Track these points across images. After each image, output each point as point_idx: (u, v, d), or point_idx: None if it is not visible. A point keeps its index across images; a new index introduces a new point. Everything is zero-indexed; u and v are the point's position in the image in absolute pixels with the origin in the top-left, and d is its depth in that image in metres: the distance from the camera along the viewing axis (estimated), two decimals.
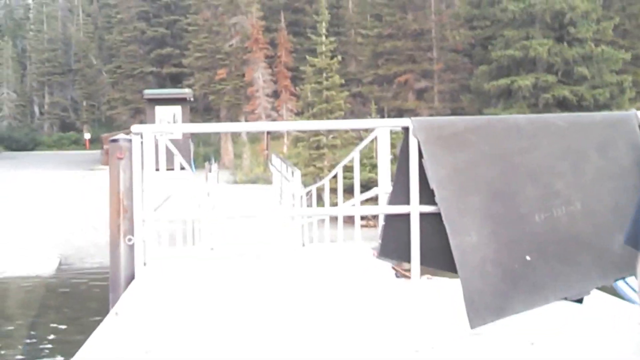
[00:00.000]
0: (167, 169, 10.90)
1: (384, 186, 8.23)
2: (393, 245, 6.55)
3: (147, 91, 53.63)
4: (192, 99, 52.22)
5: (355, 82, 59.54)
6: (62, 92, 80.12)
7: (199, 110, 59.81)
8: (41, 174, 47.87)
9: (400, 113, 53.72)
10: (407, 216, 6.49)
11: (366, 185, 14.65)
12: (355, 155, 11.42)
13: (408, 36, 57.98)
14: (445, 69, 58.20)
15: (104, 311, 6.64)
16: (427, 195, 6.20)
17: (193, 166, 50.55)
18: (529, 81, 50.83)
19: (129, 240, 7.41)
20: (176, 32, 66.53)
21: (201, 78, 58.29)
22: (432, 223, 6.15)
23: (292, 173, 23.59)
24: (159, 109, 50.26)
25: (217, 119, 60.06)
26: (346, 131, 43.61)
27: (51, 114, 79.63)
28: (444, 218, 5.86)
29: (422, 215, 6.39)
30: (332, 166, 40.86)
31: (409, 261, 6.62)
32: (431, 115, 55.60)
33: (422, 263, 6.54)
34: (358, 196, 11.39)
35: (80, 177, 45.62)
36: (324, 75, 44.40)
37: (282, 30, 62.70)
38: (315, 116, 43.32)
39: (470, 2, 59.58)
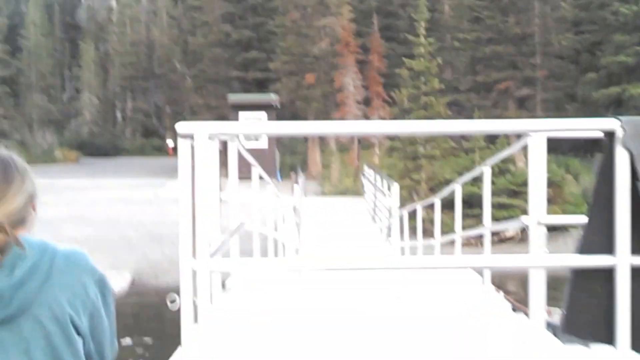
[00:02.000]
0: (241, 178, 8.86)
1: (536, 216, 6.33)
2: (585, 316, 4.61)
3: (231, 96, 51.73)
4: (278, 106, 49.96)
5: (452, 90, 56.23)
6: (144, 97, 79.24)
7: (286, 117, 56.89)
8: (120, 182, 45.90)
9: None
10: (608, 272, 4.57)
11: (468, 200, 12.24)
12: (485, 172, 10.17)
13: (509, 41, 54.58)
14: (549, 76, 54.68)
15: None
16: None
17: (279, 176, 48.17)
18: None
19: (172, 301, 5.45)
20: (263, 35, 63.94)
21: (288, 83, 55.52)
22: None
23: (389, 186, 21.67)
24: (243, 115, 48.54)
25: None
26: (445, 140, 40.35)
27: (133, 119, 78.94)
28: None
29: (636, 272, 4.56)
30: (430, 179, 37.74)
31: (608, 342, 4.60)
32: None
33: (633, 347, 4.54)
34: (489, 225, 10.26)
35: (160, 186, 43.09)
36: (422, 79, 41.23)
37: (374, 33, 59.74)
38: None
39: (577, 5, 56.01)
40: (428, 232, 22.40)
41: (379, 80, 54.78)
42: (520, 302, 18.06)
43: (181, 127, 4.96)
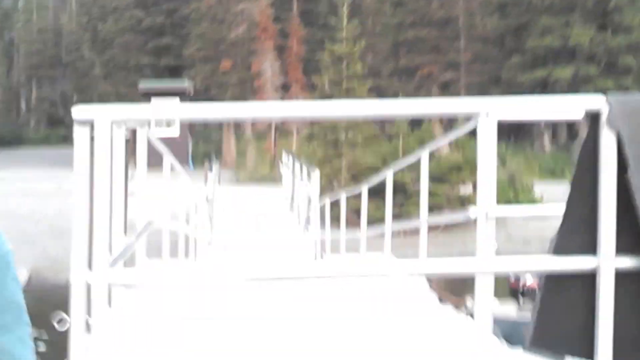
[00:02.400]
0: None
1: (486, 208, 5.68)
2: (560, 328, 3.80)
3: (142, 83, 49.40)
4: (191, 92, 47.95)
5: (374, 75, 54.51)
6: (51, 86, 76.79)
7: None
8: (21, 174, 43.41)
9: None
10: (589, 276, 3.72)
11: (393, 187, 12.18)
12: (423, 158, 9.01)
13: (433, 24, 53.26)
14: (473, 60, 53.58)
15: None
16: (630, 241, 3.69)
17: (192, 165, 46.00)
18: (568, 73, 46.55)
19: (59, 321, 4.83)
20: (177, 20, 61.57)
21: (203, 69, 53.39)
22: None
23: (308, 174, 20.17)
24: (155, 103, 46.25)
25: None
26: (367, 126, 38.46)
27: (38, 108, 76.58)
28: None
29: (621, 276, 3.69)
30: (352, 166, 35.79)
31: (587, 356, 3.79)
32: None
33: None
34: (426, 218, 9.41)
35: (64, 178, 40.56)
36: (344, 63, 39.24)
37: (293, 18, 57.75)
38: None
39: None
40: (352, 223, 20.58)
41: (299, 66, 52.92)
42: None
43: (78, 112, 4.00)
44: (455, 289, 19.87)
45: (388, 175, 11.93)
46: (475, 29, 54.54)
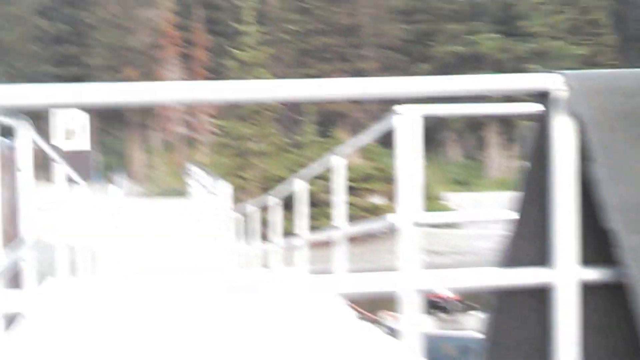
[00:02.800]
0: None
1: (409, 215, 5.16)
2: (513, 349, 3.29)
3: None
4: None
5: None
6: None
7: (108, 116, 53.72)
8: None
9: (329, 117, 48.66)
10: (544, 291, 3.12)
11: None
12: (335, 162, 7.93)
13: (339, 32, 52.93)
14: (380, 68, 53.19)
15: None
16: (596, 246, 3.06)
17: (96, 177, 45.02)
18: None
19: None
20: (80, 29, 60.19)
21: (106, 78, 52.25)
22: (609, 305, 3.14)
23: (217, 185, 20.04)
24: (61, 115, 45.52)
25: (127, 125, 54.44)
26: (277, 136, 38.01)
27: None
28: None
29: (588, 290, 3.10)
30: (263, 178, 35.35)
31: None
32: (360, 120, 50.92)
33: None
34: (343, 226, 8.12)
35: None
36: (252, 70, 38.74)
37: (197, 26, 56.92)
38: (240, 118, 37.65)
39: None
40: (264, 236, 20.17)
41: (204, 74, 52.18)
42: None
43: None
44: (365, 303, 19.58)
45: (297, 184, 11.46)
46: (382, 37, 54.30)
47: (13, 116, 5.12)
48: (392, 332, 6.77)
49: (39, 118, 51.75)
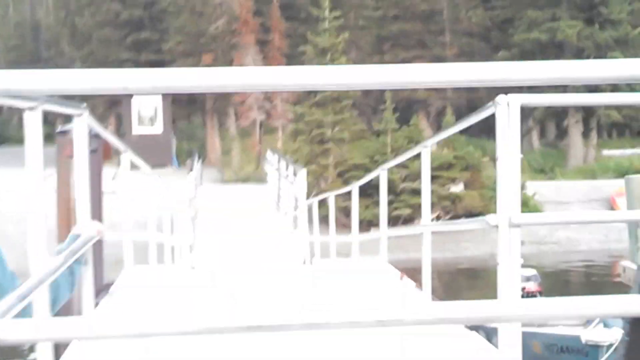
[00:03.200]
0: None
1: (508, 215, 4.57)
2: None
3: None
4: None
5: None
6: None
7: (182, 101, 53.69)
8: (2, 173, 42.26)
9: (409, 104, 48.09)
10: None
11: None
12: (424, 154, 8.24)
13: (417, 18, 52.20)
14: (459, 54, 52.35)
15: None
16: None
17: (176, 162, 45.02)
18: None
19: None
20: (155, 13, 60.10)
21: (184, 64, 52.05)
22: None
23: (294, 172, 19.41)
24: (137, 100, 45.53)
25: (203, 111, 54.37)
26: (354, 123, 37.51)
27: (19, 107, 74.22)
28: None
29: None
30: (339, 164, 34.91)
31: None
32: (444, 106, 50.36)
33: None
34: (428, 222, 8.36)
35: (48, 177, 39.44)
36: (328, 56, 38.22)
37: (274, 11, 56.54)
38: (318, 105, 37.27)
39: None
40: (341, 223, 19.78)
41: (281, 61, 51.80)
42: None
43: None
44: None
45: (381, 175, 11.01)
46: (461, 23, 53.49)
47: (69, 103, 4.68)
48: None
49: (116, 104, 52.09)
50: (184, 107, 55.06)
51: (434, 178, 32.63)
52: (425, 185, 8.47)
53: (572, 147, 47.92)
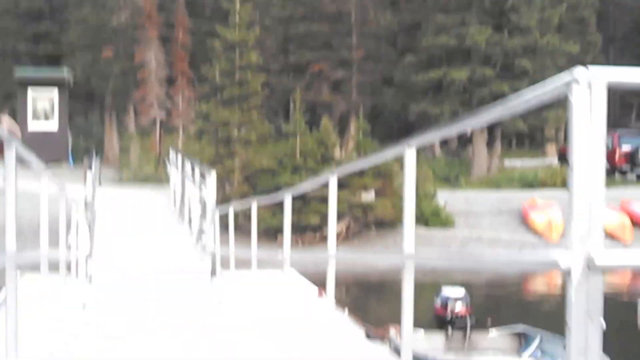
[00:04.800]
0: None
1: (585, 254, 3.05)
2: None
3: (18, 70, 46.49)
4: (71, 83, 45.34)
5: (262, 71, 52.64)
6: None
7: (80, 95, 51.93)
8: None
9: (312, 106, 47.17)
10: None
11: None
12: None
13: (324, 19, 51.31)
14: (366, 58, 51.63)
15: None
16: None
17: (72, 161, 43.47)
18: (464, 74, 45.25)
19: None
20: (56, 4, 58.19)
21: (83, 58, 50.45)
22: None
23: (202, 175, 18.06)
24: (33, 93, 43.87)
25: (101, 107, 52.68)
26: (262, 124, 36.39)
27: None
28: None
29: None
30: (245, 166, 33.80)
31: None
32: (348, 110, 49.79)
33: None
34: None
35: None
36: (237, 52, 36.99)
37: (179, 7, 55.10)
38: (225, 103, 36.03)
39: None
40: (244, 231, 18.79)
41: (185, 57, 50.41)
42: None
43: None
44: (375, 319, 18.20)
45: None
46: (368, 26, 52.74)
47: None
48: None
49: (11, 97, 50.09)
50: (81, 102, 53.29)
51: (345, 185, 31.82)
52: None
53: (477, 156, 47.53)
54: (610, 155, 42.12)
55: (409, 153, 5.86)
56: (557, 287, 25.61)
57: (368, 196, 30.23)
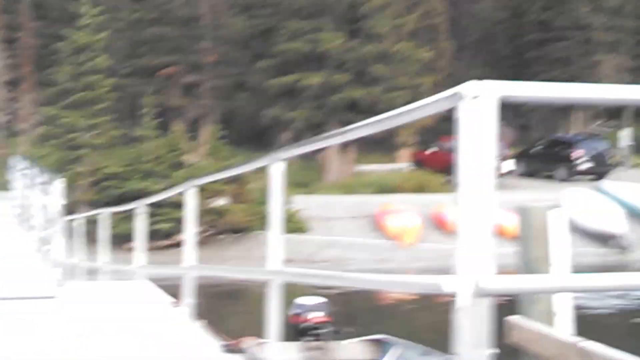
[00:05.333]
0: None
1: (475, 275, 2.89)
2: None
3: None
4: None
5: (111, 73, 51.43)
6: None
7: None
8: None
9: (164, 111, 46.22)
10: None
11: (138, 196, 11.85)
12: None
13: (176, 22, 50.46)
14: (218, 62, 51.06)
15: None
16: None
17: None
18: (318, 79, 44.93)
19: None
20: None
21: None
22: None
23: (48, 182, 17.00)
24: None
25: None
26: (112, 128, 35.35)
27: None
28: None
29: None
30: (93, 171, 32.65)
31: None
32: (200, 115, 49.17)
33: None
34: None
35: None
36: (85, 55, 35.88)
37: (23, 8, 53.48)
38: (71, 107, 34.87)
39: None
40: (93, 239, 17.88)
41: (30, 60, 48.89)
42: None
43: None
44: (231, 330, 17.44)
45: (189, 193, 9.65)
46: (222, 30, 52.10)
47: None
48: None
49: None
50: None
51: (199, 190, 30.96)
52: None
53: (329, 160, 47.23)
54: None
55: (277, 167, 5.83)
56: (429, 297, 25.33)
57: (222, 201, 29.43)
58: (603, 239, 28.54)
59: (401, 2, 48.19)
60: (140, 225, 10.47)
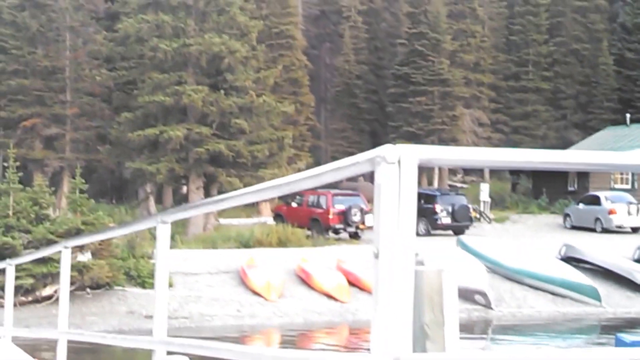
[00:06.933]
0: None
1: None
2: None
3: None
4: None
5: None
6: None
7: None
8: None
9: (24, 163, 45.62)
10: None
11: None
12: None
13: (37, 74, 50.09)
14: (80, 114, 50.81)
15: None
16: None
17: None
18: (181, 132, 44.95)
19: None
20: None
21: None
22: None
23: None
24: None
25: None
26: None
27: None
28: None
29: None
30: None
31: None
32: (62, 167, 48.66)
33: None
34: None
35: None
36: None
37: None
38: None
39: (113, 39, 52.00)
40: None
41: None
42: None
43: None
44: None
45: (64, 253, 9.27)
46: (83, 82, 51.88)
47: None
48: None
49: None
50: None
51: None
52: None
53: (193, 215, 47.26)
54: (324, 214, 43.26)
55: (163, 228, 5.62)
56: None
57: (85, 257, 29.24)
58: (467, 294, 29.01)
59: (262, 56, 48.76)
60: (9, 289, 10.41)
